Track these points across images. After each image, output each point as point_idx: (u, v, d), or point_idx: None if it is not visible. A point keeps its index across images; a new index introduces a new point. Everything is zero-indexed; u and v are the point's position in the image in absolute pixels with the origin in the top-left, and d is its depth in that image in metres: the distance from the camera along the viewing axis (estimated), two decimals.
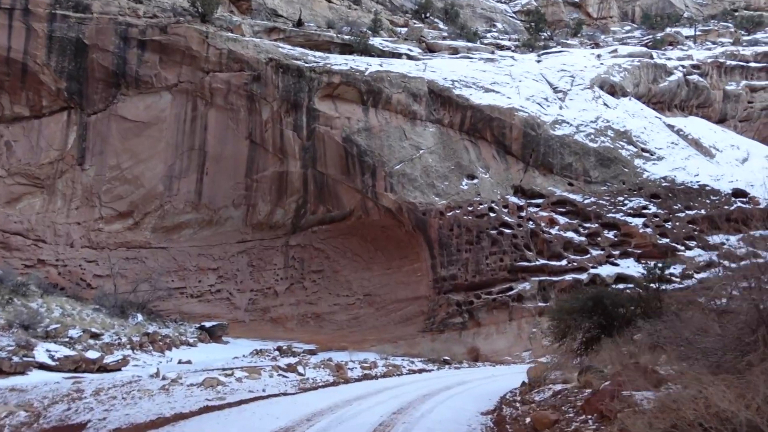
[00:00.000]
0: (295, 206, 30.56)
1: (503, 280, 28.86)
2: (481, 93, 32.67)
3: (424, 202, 29.01)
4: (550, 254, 29.64)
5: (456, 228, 29.06)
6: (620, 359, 9.10)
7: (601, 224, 30.84)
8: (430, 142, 30.72)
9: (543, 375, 11.60)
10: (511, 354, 27.41)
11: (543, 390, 10.03)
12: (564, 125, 33.23)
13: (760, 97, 48.91)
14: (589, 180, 32.18)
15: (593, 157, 32.60)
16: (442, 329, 28.41)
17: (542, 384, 10.62)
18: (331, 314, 30.25)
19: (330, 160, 29.52)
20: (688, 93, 45.16)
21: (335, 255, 31.30)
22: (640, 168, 33.07)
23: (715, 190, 32.94)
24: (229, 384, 11.86)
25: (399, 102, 30.66)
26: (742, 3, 62.58)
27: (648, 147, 34.59)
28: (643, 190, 32.20)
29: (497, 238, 29.15)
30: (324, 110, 29.43)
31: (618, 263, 29.94)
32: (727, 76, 48.80)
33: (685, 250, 30.67)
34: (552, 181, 31.98)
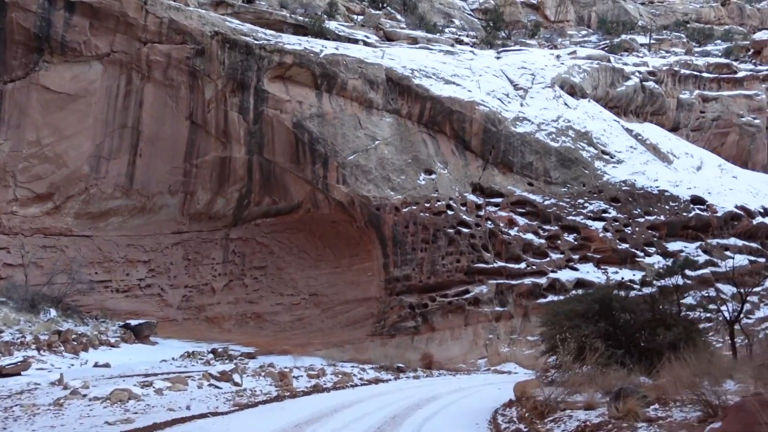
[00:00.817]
0: (238, 196, 28.04)
1: (459, 283, 27.15)
2: (442, 84, 30.94)
3: (379, 197, 27.01)
4: (509, 256, 28.13)
5: (412, 225, 27.17)
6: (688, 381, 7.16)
7: (561, 227, 29.58)
8: (387, 133, 28.75)
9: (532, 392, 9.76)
10: (465, 361, 25.71)
11: (561, 420, 8.03)
12: (525, 123, 31.88)
13: (711, 107, 49.16)
14: (550, 180, 30.91)
15: (554, 157, 31.37)
16: (393, 333, 26.46)
17: (551, 408, 8.69)
18: (274, 315, 27.86)
19: (278, 146, 27.15)
20: (643, 99, 44.80)
21: (280, 251, 28.92)
22: (601, 170, 32.05)
23: (674, 196, 32.24)
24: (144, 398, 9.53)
25: (355, 88, 28.56)
26: (693, 15, 63.36)
27: (608, 150, 33.67)
28: (603, 193, 31.16)
29: (455, 237, 27.43)
30: (274, 92, 27.04)
31: (578, 268, 28.72)
32: (681, 84, 48.85)
33: (645, 257, 29.74)
34: (512, 180, 30.55)
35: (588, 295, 13.21)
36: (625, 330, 12.01)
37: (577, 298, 13.42)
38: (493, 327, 26.65)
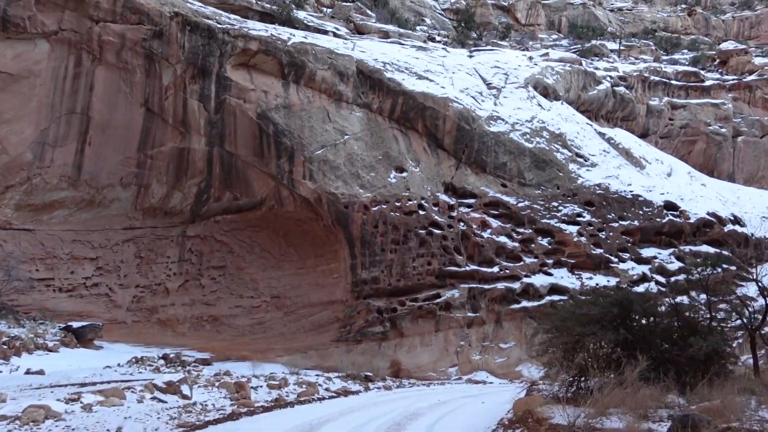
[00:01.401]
0: (197, 190, 26.21)
1: (430, 286, 25.86)
2: (414, 79, 29.67)
3: (347, 194, 25.54)
4: (482, 260, 26.96)
5: (381, 225, 25.77)
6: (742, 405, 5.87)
7: (535, 230, 28.58)
8: (357, 128, 27.30)
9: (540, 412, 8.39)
10: (436, 369, 24.40)
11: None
12: (499, 122, 30.85)
13: (680, 114, 49.14)
14: (524, 182, 29.90)
15: (528, 158, 30.38)
16: (360, 339, 24.98)
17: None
18: (232, 318, 26.08)
19: (241, 138, 25.45)
20: (614, 104, 44.37)
21: (240, 250, 27.16)
22: (575, 173, 31.21)
23: (648, 202, 31.60)
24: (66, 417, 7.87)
25: (324, 80, 27.05)
26: (661, 24, 63.71)
27: (582, 152, 32.88)
28: (577, 197, 30.30)
29: (426, 238, 26.13)
30: (237, 80, 25.33)
31: (552, 273, 27.74)
32: (650, 91, 48.70)
33: (619, 263, 28.95)
34: (485, 180, 29.44)
35: (603, 296, 11.68)
36: (648, 339, 10.65)
37: (591, 300, 11.86)
38: (464, 333, 25.42)
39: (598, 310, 10.91)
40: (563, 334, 11.04)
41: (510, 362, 25.54)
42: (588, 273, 28.21)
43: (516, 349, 25.96)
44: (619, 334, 10.51)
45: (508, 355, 25.65)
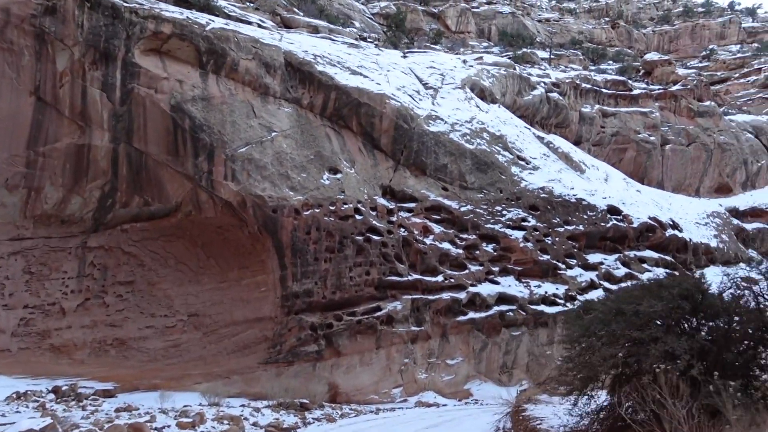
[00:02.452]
0: (100, 194, 22.72)
1: (370, 299, 23.34)
2: (348, 74, 27.30)
3: (276, 197, 22.74)
4: (425, 268, 24.71)
5: (314, 231, 23.08)
6: None
7: (479, 236, 26.65)
8: (286, 125, 24.59)
9: None
10: (378, 391, 21.81)
11: None
12: (438, 122, 28.89)
13: (610, 122, 49.07)
14: (465, 185, 27.99)
15: (470, 159, 28.53)
16: (292, 360, 22.10)
17: None
18: (142, 340, 22.58)
19: (152, 134, 22.22)
20: (549, 110, 43.62)
21: (152, 262, 23.76)
22: (518, 176, 29.61)
23: (592, 206, 30.38)
24: None
25: (248, 71, 24.24)
26: (587, 36, 64.42)
27: (523, 155, 31.42)
28: (521, 201, 28.67)
29: (364, 245, 23.63)
30: (147, 67, 22.15)
31: (498, 281, 25.81)
32: (582, 98, 48.41)
33: (566, 269, 27.42)
34: (425, 183, 27.32)
35: (666, 286, 8.91)
36: (724, 348, 8.00)
37: (650, 290, 8.95)
38: (408, 350, 23.00)
39: (662, 306, 7.94)
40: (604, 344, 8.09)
41: (458, 380, 23.32)
42: (536, 281, 26.51)
43: (464, 364, 23.77)
44: (694, 340, 7.69)
45: (455, 372, 23.42)
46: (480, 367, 24.05)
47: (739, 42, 67.55)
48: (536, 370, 24.61)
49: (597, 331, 8.31)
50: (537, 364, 24.67)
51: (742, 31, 68.62)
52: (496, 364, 24.33)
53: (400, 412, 16.47)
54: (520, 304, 25.06)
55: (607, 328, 8.09)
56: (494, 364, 24.29)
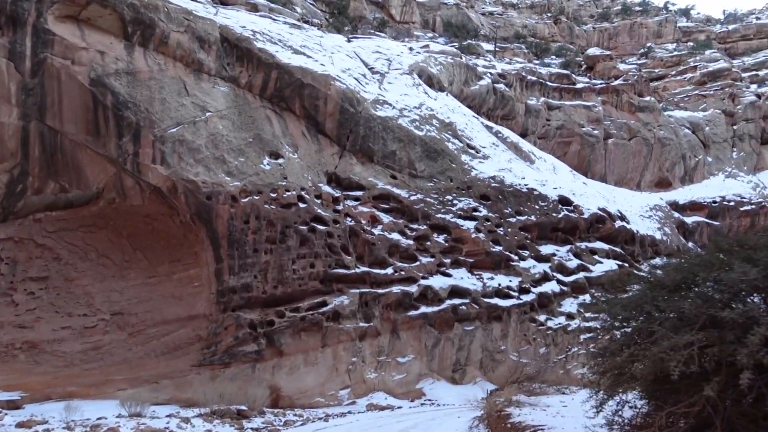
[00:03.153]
0: (8, 179, 20.08)
1: (314, 293, 21.58)
2: (290, 53, 25.40)
3: (210, 182, 20.68)
4: (373, 260, 23.14)
5: (254, 220, 21.14)
6: None
7: (430, 226, 25.29)
8: (221, 104, 22.50)
9: None
10: (324, 394, 20.09)
11: None
12: (386, 107, 27.36)
13: (555, 115, 48.80)
14: (415, 173, 26.58)
15: (419, 146, 27.14)
16: (228, 362, 20.10)
17: None
18: (57, 343, 20.09)
19: (68, 110, 19.76)
20: (495, 101, 42.90)
21: (70, 256, 21.26)
22: (468, 165, 28.43)
23: (543, 196, 29.53)
24: None
25: (180, 45, 22.02)
26: (530, 30, 64.33)
27: (473, 144, 30.28)
28: (472, 190, 27.49)
29: (308, 236, 21.85)
30: (63, 35, 19.65)
31: (450, 273, 24.51)
32: (528, 90, 47.95)
33: (519, 261, 26.39)
34: (373, 171, 25.76)
35: (753, 246, 6.52)
36: None
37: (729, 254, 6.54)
38: (357, 348, 21.36)
39: (758, 273, 5.87)
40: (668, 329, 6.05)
41: (410, 379, 21.86)
42: (488, 273, 25.35)
43: (416, 362, 22.33)
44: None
45: (407, 370, 21.95)
46: (432, 364, 22.67)
47: (675, 41, 69.00)
48: (490, 367, 23.44)
49: (659, 308, 6.39)
50: (491, 360, 23.49)
51: (677, 30, 70.13)
52: (449, 361, 23.01)
53: (352, 418, 14.81)
54: (473, 298, 23.83)
55: (673, 305, 6.34)
56: (447, 361, 22.96)
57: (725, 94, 58.58)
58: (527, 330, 24.34)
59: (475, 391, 21.70)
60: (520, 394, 10.47)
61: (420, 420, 12.32)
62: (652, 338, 6.15)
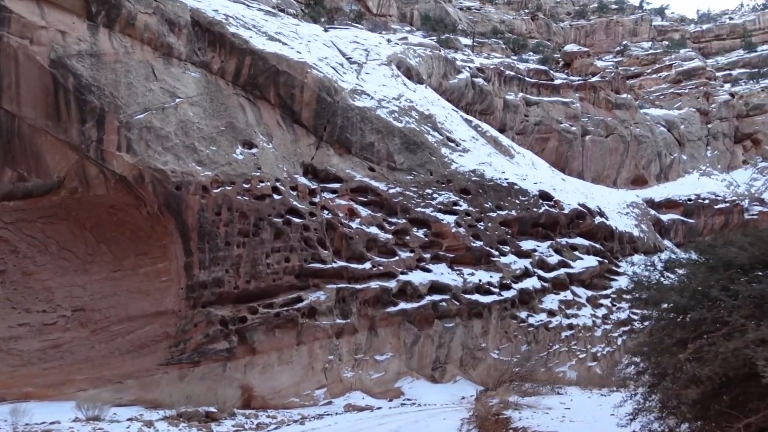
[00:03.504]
0: None
1: (289, 288, 20.66)
2: (264, 39, 24.41)
3: (180, 171, 19.62)
4: (351, 254, 22.30)
5: (226, 212, 20.13)
6: None
7: (410, 220, 24.54)
8: (192, 91, 21.42)
9: None
10: (299, 393, 19.20)
11: None
12: (364, 97, 26.54)
13: (533, 111, 48.44)
14: (394, 166, 25.81)
15: (398, 138, 26.37)
16: (198, 360, 19.09)
17: None
18: (13, 341, 18.84)
19: (27, 93, 18.52)
20: (474, 96, 42.36)
21: (29, 249, 20.00)
22: (448, 158, 27.75)
23: (524, 190, 29.00)
24: None
25: (147, 27, 20.87)
26: (507, 26, 63.99)
27: (453, 137, 29.63)
28: (452, 184, 26.82)
29: (283, 229, 20.91)
30: (20, 12, 18.39)
31: (430, 269, 23.78)
32: (506, 85, 47.49)
33: (500, 256, 25.79)
34: (350, 162, 24.92)
35: None
36: None
37: None
38: (333, 345, 20.51)
39: None
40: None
41: (388, 377, 21.08)
42: (469, 268, 24.69)
43: (394, 360, 21.55)
44: None
45: (385, 368, 21.16)
46: (411, 362, 21.92)
47: (650, 39, 69.32)
48: (471, 365, 22.77)
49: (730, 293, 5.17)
50: (471, 357, 22.82)
51: (653, 29, 70.48)
52: (429, 359, 22.28)
53: (330, 420, 13.94)
54: (453, 294, 23.13)
55: (749, 289, 5.18)
56: (427, 359, 22.23)
57: (700, 92, 58.93)
58: (508, 327, 23.73)
59: (455, 390, 21.05)
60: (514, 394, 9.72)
61: (403, 422, 11.52)
62: (723, 330, 5.19)
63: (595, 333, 25.42)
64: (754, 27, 70.23)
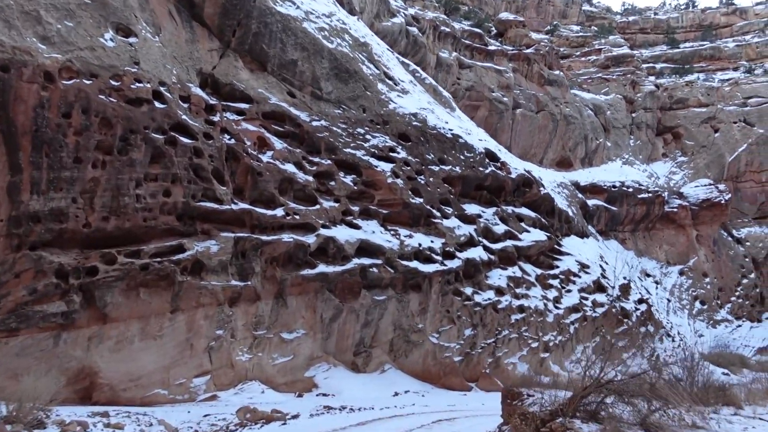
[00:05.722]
0: None
1: (167, 233, 14.65)
2: None
3: (10, 46, 13.07)
4: (258, 196, 16.57)
5: (79, 114, 13.78)
6: None
7: (336, 162, 19.12)
8: None
9: None
10: (168, 383, 13.36)
11: None
12: (288, 4, 20.69)
13: (466, 75, 44.35)
14: (320, 95, 20.26)
15: (327, 62, 20.80)
16: (16, 327, 12.74)
17: None
18: None
19: None
20: (407, 45, 37.42)
21: None
22: (386, 96, 22.52)
23: (469, 145, 24.32)
24: None
25: None
26: None
27: (391, 74, 24.42)
28: (389, 126, 21.65)
29: (164, 150, 14.83)
30: None
31: (359, 225, 18.50)
32: (441, 42, 43.01)
33: (442, 218, 20.93)
34: (265, 81, 19.10)
35: None
36: None
37: None
38: (225, 316, 14.74)
39: None
40: None
41: (298, 363, 15.63)
42: (406, 229, 19.62)
43: (307, 341, 16.11)
44: None
45: (294, 351, 15.69)
46: (329, 344, 16.58)
47: (579, 23, 67.41)
48: (403, 351, 17.77)
49: None
50: (405, 341, 17.81)
51: (582, 14, 68.68)
52: (351, 340, 17.03)
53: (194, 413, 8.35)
54: (387, 258, 18.00)
55: None
56: (348, 340, 16.96)
57: (627, 80, 57.25)
58: (451, 305, 18.92)
59: (384, 382, 16.03)
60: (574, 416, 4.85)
61: None
62: None
63: (546, 318, 21.25)
64: (678, 24, 69.95)
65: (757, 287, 49.25)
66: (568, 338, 21.67)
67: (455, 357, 18.02)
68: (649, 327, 26.90)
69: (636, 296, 28.36)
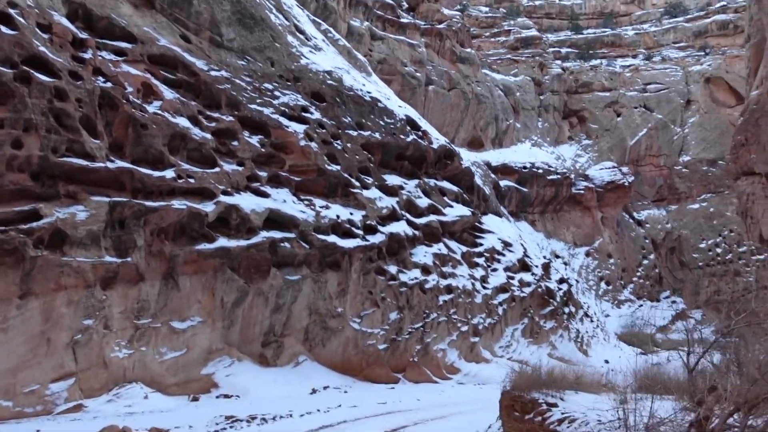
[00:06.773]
0: None
1: (18, 195, 11.29)
2: None
3: None
4: (142, 153, 13.40)
5: None
6: None
7: (239, 119, 16.22)
8: None
9: None
10: (14, 391, 10.12)
11: None
12: None
13: (378, 47, 42.20)
14: (220, 41, 17.24)
15: (229, 3, 17.76)
16: None
17: None
18: None
19: None
20: (317, 9, 34.56)
21: None
22: (297, 50, 19.76)
23: (389, 111, 22.07)
24: None
25: None
26: None
27: (303, 29, 21.65)
28: (301, 84, 18.95)
29: (14, 88, 11.42)
30: None
31: (268, 192, 15.71)
32: (352, 10, 40.36)
33: (362, 189, 18.52)
34: (152, 20, 15.83)
35: None
36: None
37: None
38: (96, 301, 11.56)
39: None
40: None
41: (193, 358, 12.73)
42: (321, 199, 17.03)
43: (204, 330, 13.20)
44: None
45: (188, 343, 12.75)
46: (231, 334, 13.76)
47: (488, 4, 66.87)
48: (320, 339, 15.23)
49: None
50: (322, 328, 15.27)
51: None
52: (259, 328, 14.28)
53: None
54: (301, 231, 15.36)
55: None
56: (255, 328, 14.20)
57: (535, 62, 57.19)
58: (374, 285, 16.58)
59: (299, 377, 13.51)
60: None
61: None
62: None
63: (475, 299, 19.45)
64: (581, 11, 70.90)
65: (656, 268, 50.72)
66: (497, 320, 20.00)
67: (380, 344, 15.74)
68: (570, 307, 25.90)
69: (557, 276, 27.32)
